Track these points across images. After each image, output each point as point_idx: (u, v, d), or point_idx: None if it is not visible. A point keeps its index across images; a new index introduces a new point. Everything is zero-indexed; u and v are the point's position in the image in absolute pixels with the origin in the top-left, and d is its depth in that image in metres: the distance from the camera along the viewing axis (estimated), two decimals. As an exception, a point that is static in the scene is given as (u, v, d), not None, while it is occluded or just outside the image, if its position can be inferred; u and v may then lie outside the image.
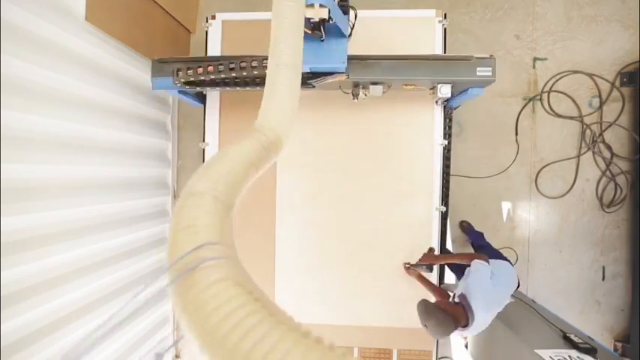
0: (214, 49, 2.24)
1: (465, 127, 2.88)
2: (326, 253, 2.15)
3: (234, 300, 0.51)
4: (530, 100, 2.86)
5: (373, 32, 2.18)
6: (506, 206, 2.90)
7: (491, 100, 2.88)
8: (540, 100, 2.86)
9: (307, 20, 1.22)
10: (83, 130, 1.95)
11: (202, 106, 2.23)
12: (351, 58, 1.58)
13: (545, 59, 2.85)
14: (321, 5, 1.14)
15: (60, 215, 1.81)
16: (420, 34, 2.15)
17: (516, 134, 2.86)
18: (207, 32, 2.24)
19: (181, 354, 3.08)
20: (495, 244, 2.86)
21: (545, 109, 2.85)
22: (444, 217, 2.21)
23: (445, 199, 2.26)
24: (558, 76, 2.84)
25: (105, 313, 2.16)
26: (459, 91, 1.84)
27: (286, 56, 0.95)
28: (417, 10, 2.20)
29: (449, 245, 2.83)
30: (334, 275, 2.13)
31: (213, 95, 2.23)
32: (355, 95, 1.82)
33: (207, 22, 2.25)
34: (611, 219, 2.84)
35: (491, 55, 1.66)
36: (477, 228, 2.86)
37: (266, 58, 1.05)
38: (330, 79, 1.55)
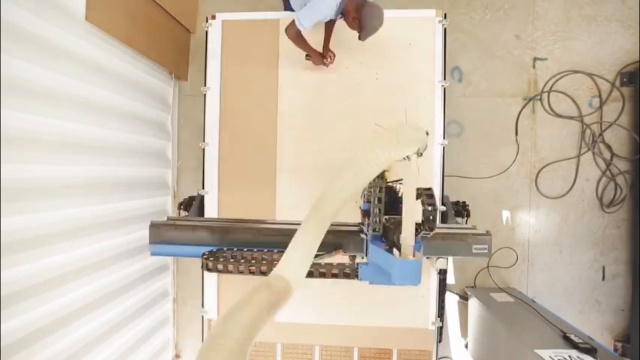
0: (214, 49, 2.24)
1: (465, 127, 2.89)
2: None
3: None
4: (530, 100, 2.85)
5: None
6: (506, 206, 2.90)
7: (491, 100, 2.88)
8: (540, 100, 2.86)
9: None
10: (83, 130, 1.95)
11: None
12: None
13: (545, 59, 2.85)
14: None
15: (60, 215, 1.81)
16: (419, 33, 2.16)
17: (516, 134, 2.86)
18: (207, 32, 2.24)
19: (181, 354, 3.08)
20: (495, 244, 2.86)
21: (545, 109, 2.85)
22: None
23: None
24: (558, 76, 2.84)
25: (105, 313, 2.16)
26: None
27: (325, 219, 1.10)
28: (417, 9, 2.21)
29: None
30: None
31: (213, 95, 2.23)
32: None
33: (207, 22, 2.25)
34: (611, 219, 2.83)
35: (487, 232, 1.59)
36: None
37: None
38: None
